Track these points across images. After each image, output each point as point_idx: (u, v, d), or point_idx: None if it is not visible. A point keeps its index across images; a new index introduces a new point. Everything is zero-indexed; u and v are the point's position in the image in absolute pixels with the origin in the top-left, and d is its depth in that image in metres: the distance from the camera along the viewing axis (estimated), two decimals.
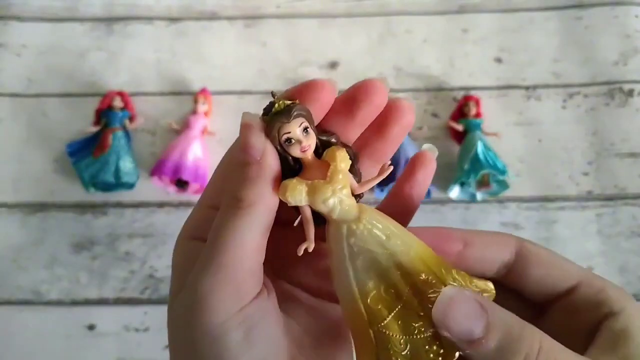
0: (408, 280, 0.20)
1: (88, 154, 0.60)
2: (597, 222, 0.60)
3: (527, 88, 0.65)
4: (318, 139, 0.21)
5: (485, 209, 0.60)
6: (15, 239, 0.59)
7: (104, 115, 0.62)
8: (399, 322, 0.20)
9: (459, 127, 0.62)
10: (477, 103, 0.63)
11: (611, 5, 0.68)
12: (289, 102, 0.20)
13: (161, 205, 0.61)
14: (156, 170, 0.60)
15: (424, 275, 0.20)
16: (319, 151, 0.21)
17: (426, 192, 0.25)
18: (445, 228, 0.24)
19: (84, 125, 0.63)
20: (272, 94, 0.21)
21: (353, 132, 0.23)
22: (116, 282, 0.58)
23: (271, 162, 0.20)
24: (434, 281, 0.20)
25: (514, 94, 0.65)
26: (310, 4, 0.70)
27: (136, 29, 0.68)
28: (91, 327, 0.57)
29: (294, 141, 0.20)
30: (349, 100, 0.22)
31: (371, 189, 0.30)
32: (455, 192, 0.61)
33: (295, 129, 0.20)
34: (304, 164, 0.21)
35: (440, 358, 0.19)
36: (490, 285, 0.22)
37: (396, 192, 0.24)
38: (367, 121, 0.23)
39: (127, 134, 0.62)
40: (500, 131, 0.62)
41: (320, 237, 0.21)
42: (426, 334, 0.20)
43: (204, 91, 0.64)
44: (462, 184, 0.61)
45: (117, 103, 0.62)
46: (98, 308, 0.57)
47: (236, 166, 0.21)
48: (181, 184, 0.60)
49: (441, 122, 0.64)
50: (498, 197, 0.61)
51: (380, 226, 0.21)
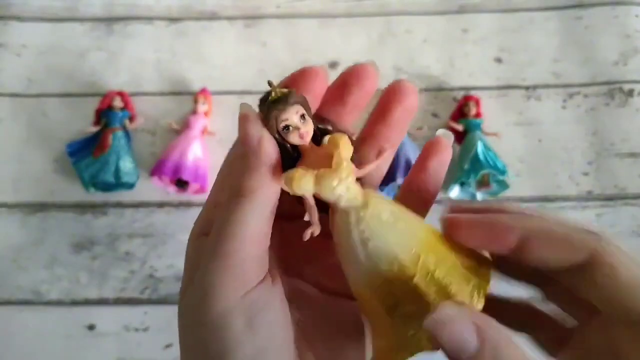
0: (419, 260, 0.20)
1: (88, 154, 0.60)
2: (597, 222, 0.60)
3: (527, 88, 0.65)
4: (316, 127, 0.21)
5: None
6: (15, 239, 0.59)
7: (104, 115, 0.62)
8: (414, 299, 0.20)
9: (459, 127, 0.62)
10: (477, 103, 0.63)
11: (611, 5, 0.68)
12: (285, 90, 0.20)
13: (161, 205, 0.61)
14: (156, 170, 0.60)
15: (433, 253, 0.20)
16: (317, 138, 0.21)
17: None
18: (502, 217, 0.20)
19: (84, 125, 0.63)
20: (269, 83, 0.21)
21: (346, 118, 0.23)
22: (116, 282, 0.58)
23: (269, 150, 0.20)
24: (442, 258, 0.20)
25: (514, 94, 0.65)
26: (310, 4, 0.70)
27: (136, 29, 0.68)
28: (91, 327, 0.57)
29: (292, 128, 0.20)
30: (340, 86, 0.22)
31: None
32: (455, 192, 0.61)
33: (293, 116, 0.20)
34: (303, 151, 0.21)
35: None
36: (489, 258, 0.22)
37: (410, 183, 0.23)
38: (359, 106, 0.22)
39: (127, 134, 0.62)
40: (500, 131, 0.62)
41: (324, 225, 0.21)
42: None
43: (204, 91, 0.64)
44: (462, 184, 0.61)
45: (117, 103, 0.62)
46: (98, 308, 0.57)
47: (236, 158, 0.21)
48: (181, 184, 0.60)
49: (441, 122, 0.64)
50: (498, 197, 0.61)
51: (387, 210, 0.21)
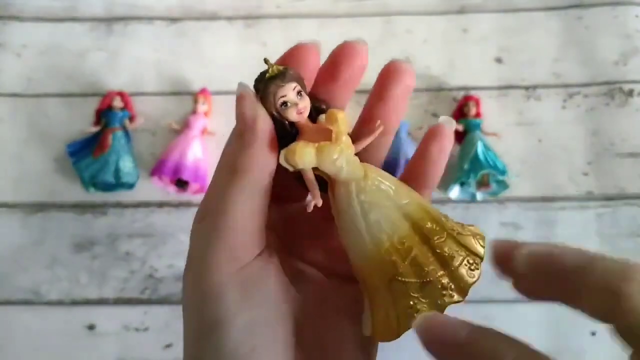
0: (417, 230, 0.21)
1: (88, 154, 0.61)
2: (597, 222, 0.60)
3: (527, 88, 0.65)
4: (312, 105, 0.21)
5: (485, 209, 0.60)
6: (16, 239, 0.59)
7: (104, 115, 0.62)
8: (413, 269, 0.21)
9: (459, 127, 0.62)
10: (477, 103, 0.63)
11: (611, 5, 0.68)
12: (281, 67, 0.21)
13: (161, 205, 0.61)
14: (156, 170, 0.60)
15: (429, 223, 0.21)
16: (313, 116, 0.22)
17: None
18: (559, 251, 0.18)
19: (84, 125, 0.63)
20: (265, 60, 0.22)
21: (339, 96, 0.23)
22: (116, 282, 0.58)
23: (264, 127, 0.21)
24: (437, 228, 0.21)
25: (514, 94, 0.65)
26: (311, 4, 0.70)
27: (136, 29, 0.68)
28: (91, 327, 0.57)
29: (289, 104, 0.21)
30: (331, 64, 0.23)
31: None
32: (455, 192, 0.61)
33: (290, 92, 0.21)
34: (300, 128, 0.21)
35: (454, 292, 0.20)
36: (479, 230, 0.23)
37: (411, 169, 0.24)
38: (351, 84, 0.23)
39: (127, 134, 0.62)
40: (500, 131, 0.62)
41: (326, 208, 0.22)
42: (437, 275, 0.21)
43: (204, 91, 0.64)
44: (462, 184, 0.61)
45: (117, 103, 0.62)
46: (98, 308, 0.57)
47: (233, 137, 0.21)
48: (181, 184, 0.60)
49: None
50: (498, 197, 0.61)
51: (386, 182, 0.21)
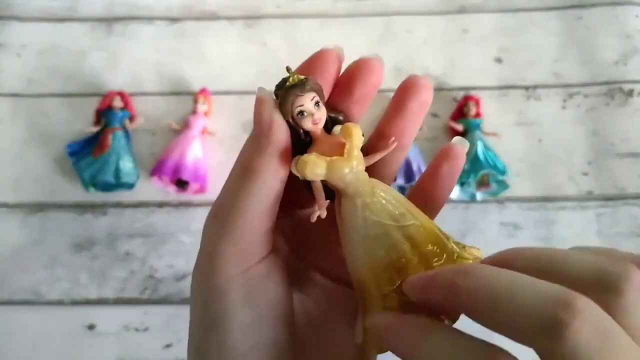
0: (416, 251, 0.21)
1: (88, 154, 0.61)
2: (597, 222, 0.60)
3: (527, 88, 0.65)
4: (327, 115, 0.22)
5: (485, 209, 0.60)
6: (15, 239, 0.59)
7: (104, 115, 0.62)
8: None
9: (459, 127, 0.62)
10: (477, 103, 0.63)
11: (611, 5, 0.68)
12: (302, 76, 0.21)
13: (161, 205, 0.61)
14: (156, 170, 0.60)
15: (430, 245, 0.21)
16: (327, 127, 0.22)
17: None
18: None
19: (84, 125, 0.63)
20: (287, 68, 0.22)
21: (353, 110, 0.23)
22: (116, 282, 0.58)
23: (279, 134, 0.21)
24: (437, 250, 0.21)
25: (514, 94, 0.65)
26: (311, 4, 0.70)
27: (136, 29, 0.68)
28: (91, 327, 0.57)
29: (306, 114, 0.21)
30: (346, 79, 0.23)
31: None
32: (455, 192, 0.61)
33: (308, 102, 0.21)
34: (314, 137, 0.22)
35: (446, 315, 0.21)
36: (481, 253, 0.23)
37: (420, 187, 0.24)
38: (365, 99, 0.23)
39: (127, 134, 0.62)
40: (500, 131, 0.62)
41: (334, 215, 0.22)
42: None
43: (204, 91, 0.64)
44: (462, 184, 0.61)
45: (117, 103, 0.62)
46: (98, 308, 0.57)
47: (249, 139, 0.22)
48: (181, 184, 0.60)
49: (441, 122, 0.64)
50: (498, 197, 0.61)
51: (392, 201, 0.22)
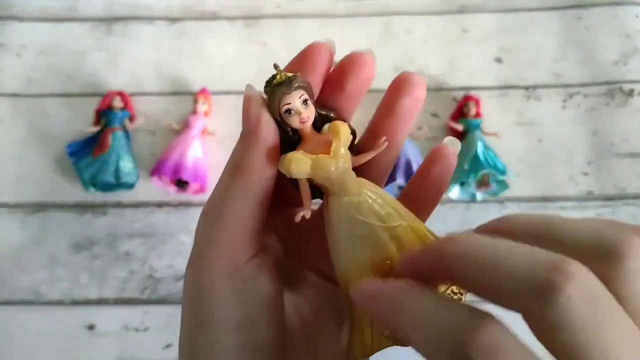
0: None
1: (88, 154, 0.61)
2: None
3: (527, 88, 0.65)
4: (317, 112, 0.21)
5: (485, 209, 0.60)
6: (15, 239, 0.59)
7: (104, 115, 0.62)
8: None
9: (459, 127, 0.62)
10: (477, 103, 0.63)
11: (611, 5, 0.68)
12: (290, 74, 0.21)
13: (161, 205, 0.61)
14: (156, 170, 0.60)
15: (417, 247, 0.21)
16: (317, 125, 0.22)
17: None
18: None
19: (84, 125, 0.63)
20: (275, 66, 0.21)
21: (345, 105, 0.23)
22: (116, 282, 0.58)
23: (266, 132, 0.21)
24: None
25: (514, 94, 0.65)
26: (310, 4, 0.70)
27: (136, 29, 0.68)
28: (91, 327, 0.57)
29: (293, 112, 0.20)
30: (338, 74, 0.23)
31: None
32: (455, 192, 0.61)
33: (296, 100, 0.20)
34: (303, 136, 0.21)
35: None
36: None
37: (412, 188, 0.24)
38: (356, 95, 0.23)
39: (127, 134, 0.62)
40: (500, 131, 0.62)
41: (317, 211, 0.22)
42: None
43: (204, 91, 0.64)
44: (462, 184, 0.61)
45: (117, 103, 0.62)
46: (98, 308, 0.57)
47: (239, 137, 0.22)
48: (181, 184, 0.60)
49: (441, 122, 0.64)
50: (498, 197, 0.61)
51: (379, 200, 0.21)
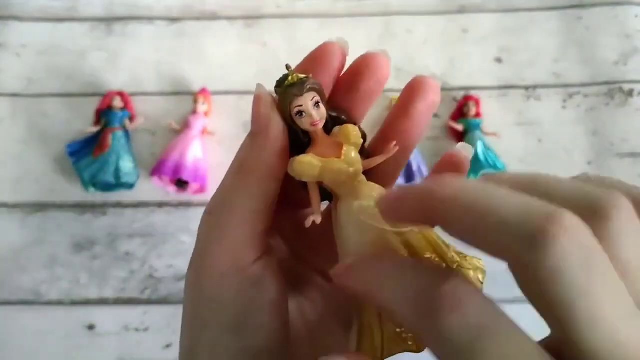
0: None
1: (88, 154, 0.61)
2: None
3: (527, 88, 0.65)
4: (328, 114, 0.21)
5: None
6: (15, 239, 0.59)
7: (104, 115, 0.62)
8: None
9: (459, 127, 0.62)
10: (477, 103, 0.63)
11: (611, 5, 0.68)
12: (302, 75, 0.20)
13: (161, 205, 0.61)
14: (156, 170, 0.60)
15: (428, 253, 0.20)
16: (328, 127, 0.21)
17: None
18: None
19: (84, 125, 0.63)
20: (287, 66, 0.21)
21: (358, 107, 0.23)
22: (116, 282, 0.58)
23: (276, 132, 0.20)
24: (437, 259, 0.20)
25: (514, 94, 0.65)
26: (311, 4, 0.70)
27: (136, 29, 0.68)
28: (91, 327, 0.57)
29: (305, 115, 0.20)
30: (352, 75, 0.22)
31: None
32: None
33: (307, 102, 0.20)
34: (314, 138, 0.21)
35: None
36: (482, 264, 0.22)
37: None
38: (371, 96, 0.23)
39: (127, 134, 0.62)
40: (500, 131, 0.62)
41: (326, 214, 0.21)
42: None
43: (204, 91, 0.64)
44: None
45: (117, 103, 0.62)
46: (98, 308, 0.57)
47: (247, 137, 0.21)
48: (181, 184, 0.60)
49: (441, 122, 0.64)
50: None
51: None
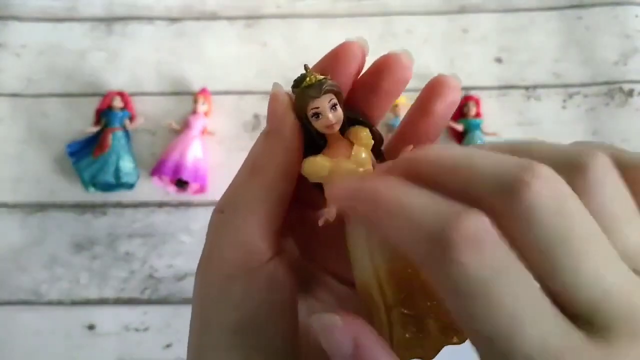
0: None
1: (88, 153, 0.61)
2: None
3: (527, 88, 0.65)
4: (345, 116, 0.21)
5: None
6: (15, 239, 0.59)
7: (104, 115, 0.62)
8: (413, 303, 0.20)
9: (459, 127, 0.62)
10: (477, 103, 0.63)
11: (611, 5, 0.68)
12: (320, 76, 0.20)
13: (161, 205, 0.61)
14: (156, 170, 0.60)
15: None
16: (345, 128, 0.21)
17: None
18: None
19: (84, 125, 0.63)
20: (305, 66, 0.21)
21: (377, 107, 0.22)
22: (116, 282, 0.58)
23: (290, 132, 0.20)
24: None
25: (514, 94, 0.65)
26: (311, 4, 0.70)
27: (136, 29, 0.68)
28: (91, 327, 0.57)
29: (321, 116, 0.20)
30: (372, 74, 0.22)
31: None
32: None
33: (324, 104, 0.20)
34: (329, 139, 0.21)
35: (453, 333, 0.19)
36: None
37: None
38: (391, 96, 0.22)
39: (127, 134, 0.62)
40: (500, 131, 0.62)
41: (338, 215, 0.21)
42: (437, 313, 0.20)
43: (204, 91, 0.64)
44: None
45: (117, 103, 0.62)
46: (98, 308, 0.57)
47: (261, 135, 0.21)
48: (181, 184, 0.60)
49: None
50: None
51: None
